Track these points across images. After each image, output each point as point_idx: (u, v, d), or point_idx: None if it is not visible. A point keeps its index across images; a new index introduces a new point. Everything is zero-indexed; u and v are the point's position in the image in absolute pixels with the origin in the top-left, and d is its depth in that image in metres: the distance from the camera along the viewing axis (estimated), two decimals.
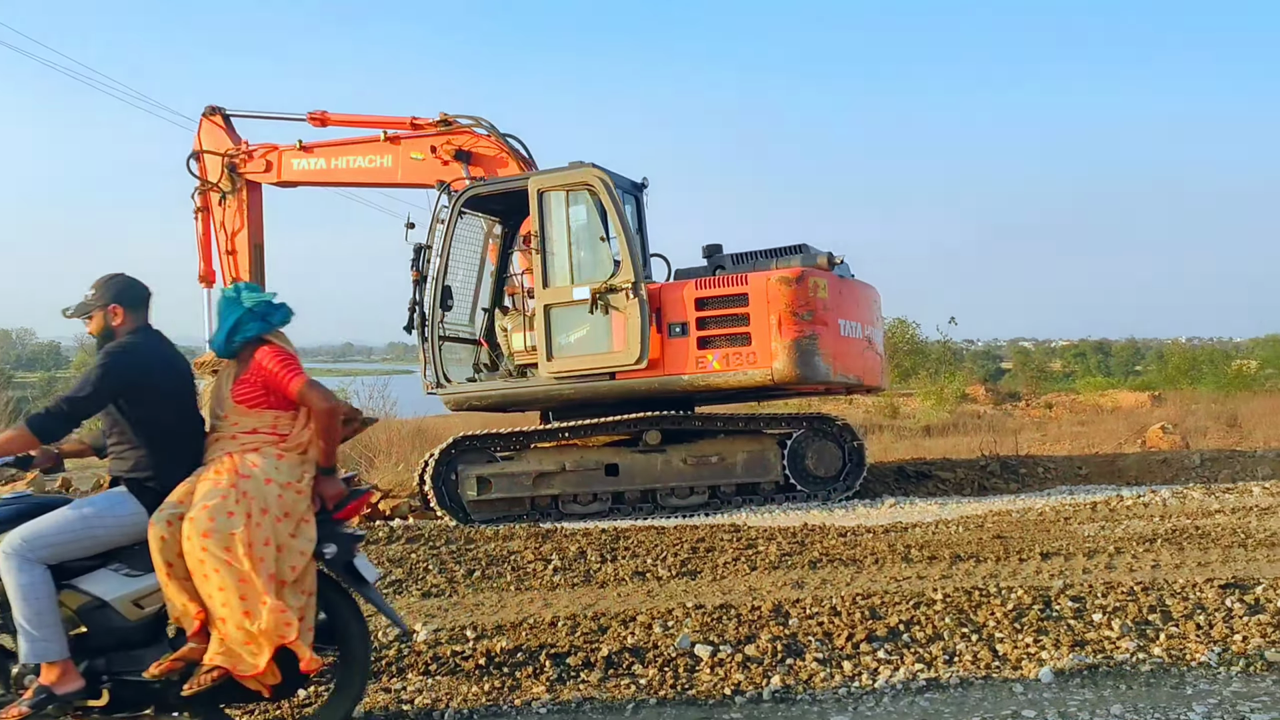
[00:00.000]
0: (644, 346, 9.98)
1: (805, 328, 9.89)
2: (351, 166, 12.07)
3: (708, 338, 10.06)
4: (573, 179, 10.34)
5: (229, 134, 12.64)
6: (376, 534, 8.81)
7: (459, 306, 11.32)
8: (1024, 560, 6.81)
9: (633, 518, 10.06)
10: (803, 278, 9.96)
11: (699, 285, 10.21)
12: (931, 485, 11.62)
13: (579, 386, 10.27)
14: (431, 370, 10.72)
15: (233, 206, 12.54)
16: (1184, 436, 16.59)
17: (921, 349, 40.91)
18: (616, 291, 10.10)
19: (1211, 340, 64.17)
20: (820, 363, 9.98)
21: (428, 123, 11.67)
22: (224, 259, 12.55)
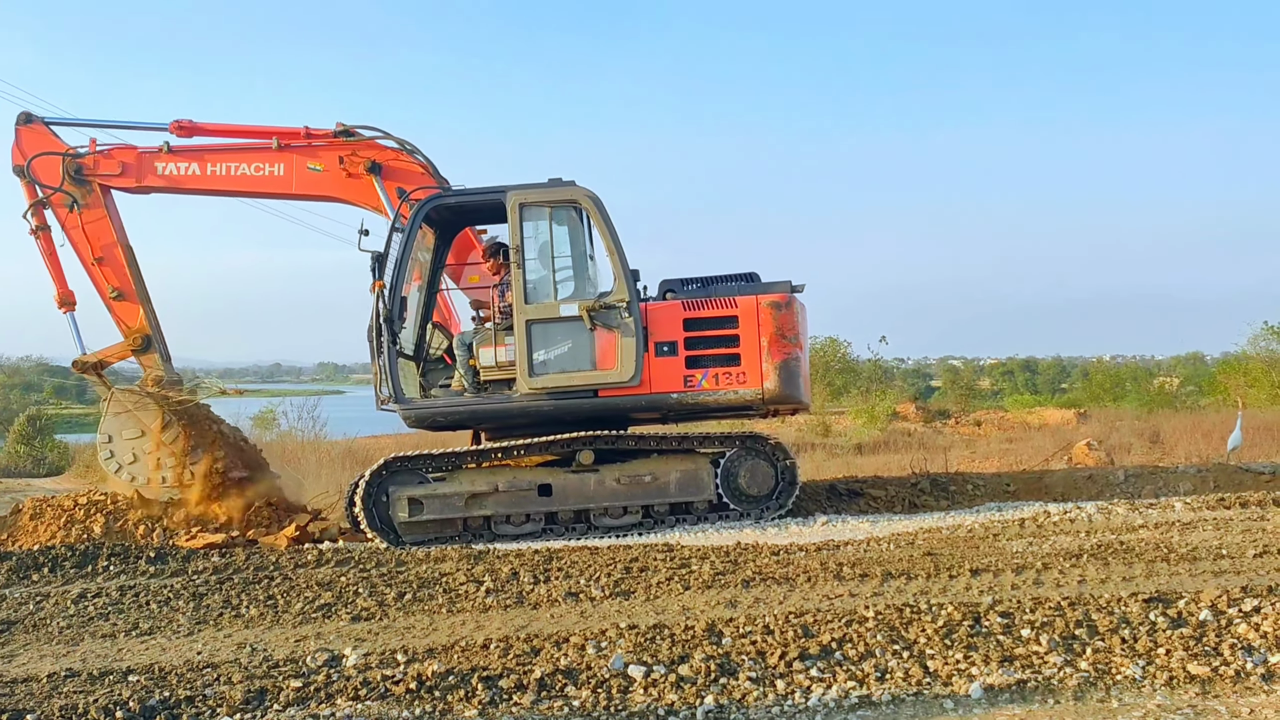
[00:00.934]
0: (638, 365, 10.08)
1: (791, 350, 10.30)
2: (234, 174, 11.30)
3: (696, 357, 10.29)
4: (559, 196, 10.32)
5: (56, 140, 11.45)
6: (305, 557, 8.64)
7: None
8: (954, 577, 6.86)
9: (566, 538, 9.98)
10: (789, 302, 10.37)
11: (687, 306, 10.39)
12: (863, 503, 11.71)
13: (559, 404, 10.24)
14: (387, 385, 10.37)
15: (92, 211, 11.32)
16: (1109, 453, 16.96)
17: (852, 367, 41.41)
18: (611, 309, 10.13)
19: (1135, 358, 65.92)
20: (801, 383, 10.44)
21: (323, 133, 11.23)
22: (92, 270, 11.42)
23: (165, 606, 6.94)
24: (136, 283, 11.49)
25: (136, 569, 8.31)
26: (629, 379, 10.11)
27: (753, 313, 10.31)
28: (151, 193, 11.55)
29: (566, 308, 10.19)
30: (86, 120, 11.71)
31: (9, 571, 8.23)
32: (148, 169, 11.30)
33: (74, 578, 8.13)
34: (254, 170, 11.28)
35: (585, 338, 10.19)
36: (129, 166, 11.30)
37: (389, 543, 9.82)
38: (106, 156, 11.34)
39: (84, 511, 10.27)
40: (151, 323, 11.54)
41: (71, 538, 9.94)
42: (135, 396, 11.07)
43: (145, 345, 11.46)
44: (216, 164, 11.29)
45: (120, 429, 11.01)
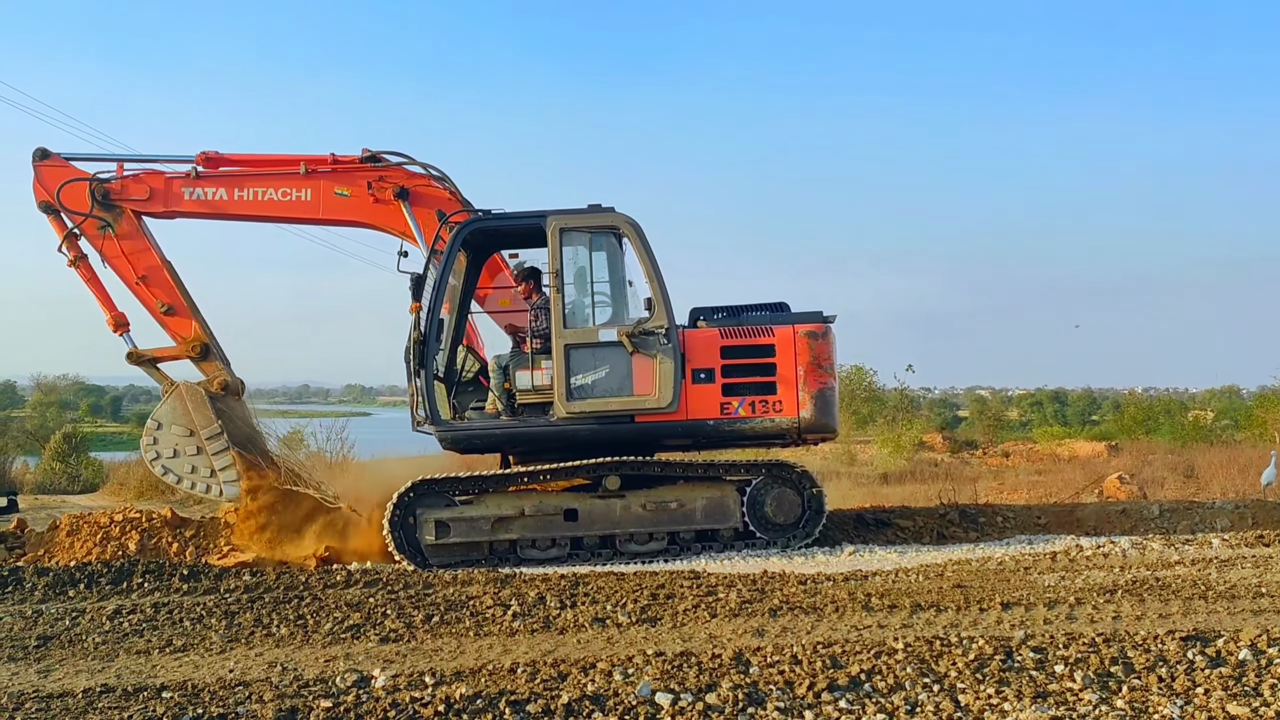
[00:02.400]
0: (676, 391, 10.14)
1: (826, 379, 10.42)
2: (261, 199, 11.38)
3: (733, 385, 10.37)
4: (600, 221, 10.43)
5: (77, 171, 11.49)
6: (335, 577, 8.68)
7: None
8: (985, 610, 6.81)
9: (592, 563, 9.98)
10: (826, 332, 10.49)
11: (725, 334, 10.49)
12: (891, 533, 11.64)
13: (596, 428, 10.30)
14: (424, 407, 10.39)
15: (125, 233, 11.41)
16: (1141, 487, 16.77)
17: (879, 396, 41.22)
18: (650, 335, 10.19)
19: (1167, 391, 65.16)
20: (835, 411, 10.56)
21: (349, 159, 11.33)
22: (138, 290, 11.52)
23: (198, 624, 7.00)
24: (184, 296, 11.58)
25: (170, 586, 8.39)
26: (667, 405, 10.16)
27: (789, 342, 10.40)
28: (179, 218, 11.64)
29: (605, 333, 10.27)
30: (105, 155, 11.77)
31: (46, 587, 8.33)
32: (175, 195, 11.36)
33: (109, 594, 8.21)
34: (281, 195, 11.38)
35: (623, 363, 10.24)
36: (157, 192, 11.37)
37: (416, 565, 9.85)
38: (135, 181, 11.40)
39: (119, 528, 10.36)
40: (207, 332, 11.63)
41: (107, 554, 10.04)
42: (198, 395, 11.15)
43: (204, 353, 11.55)
44: (244, 189, 11.39)
45: (171, 421, 11.09)
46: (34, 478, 29.53)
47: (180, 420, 11.07)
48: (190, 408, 11.10)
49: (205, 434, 11.04)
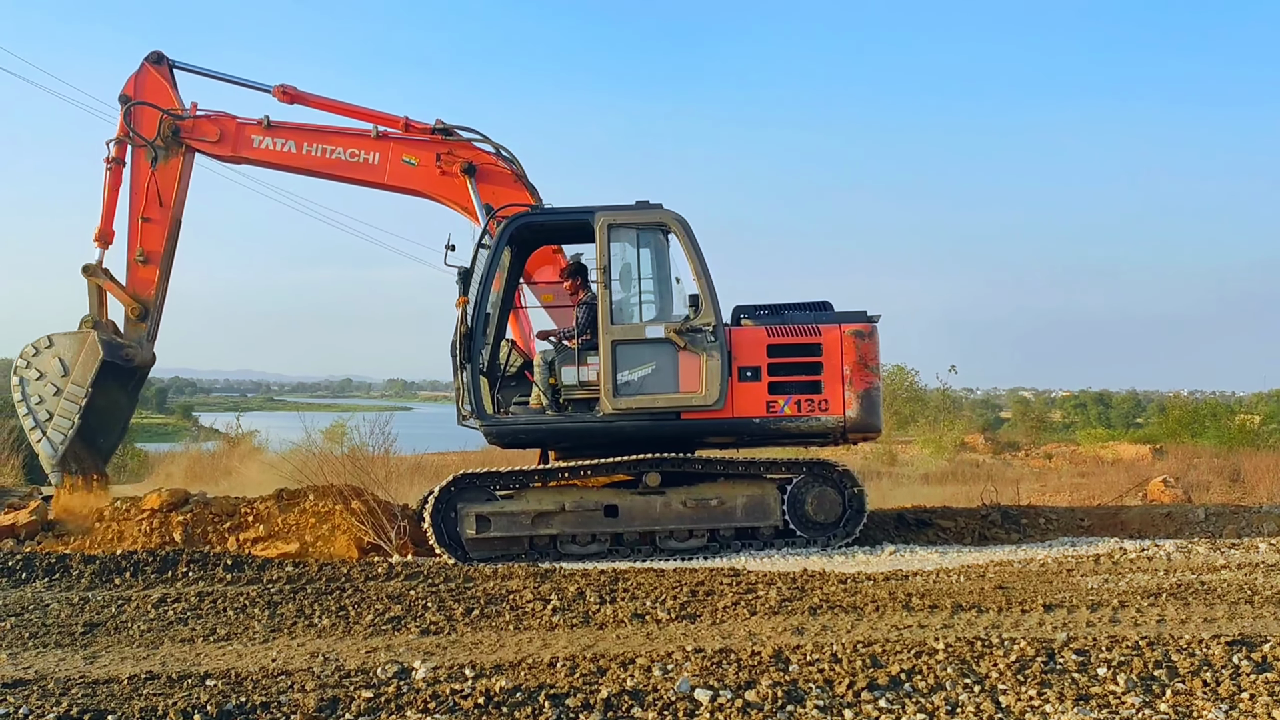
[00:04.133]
0: (723, 389, 10.14)
1: (872, 379, 10.42)
2: (329, 157, 11.33)
3: (780, 383, 10.36)
4: (648, 218, 10.41)
5: (173, 90, 11.52)
6: (376, 570, 8.77)
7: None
8: (1026, 611, 6.75)
9: (631, 559, 9.99)
10: (872, 332, 10.47)
11: (771, 333, 10.48)
12: (932, 533, 11.55)
13: (642, 425, 10.31)
14: (469, 401, 10.37)
15: (166, 172, 11.43)
16: (1186, 490, 16.52)
17: (920, 396, 40.92)
18: (698, 332, 10.18)
19: (1214, 394, 64.12)
20: (879, 411, 10.56)
21: (422, 127, 11.29)
22: (136, 223, 11.47)
23: (241, 613, 7.09)
24: (166, 254, 11.55)
25: (214, 576, 8.51)
26: (713, 403, 10.14)
27: (836, 341, 10.38)
28: (244, 164, 11.64)
29: (652, 330, 10.25)
30: (206, 70, 11.71)
31: (93, 575, 8.48)
32: (244, 140, 11.39)
33: (154, 582, 8.34)
34: (349, 155, 11.36)
35: (670, 360, 10.23)
36: (226, 135, 11.39)
37: (456, 558, 9.91)
38: (208, 121, 11.42)
39: (163, 517, 10.52)
40: (158, 299, 11.63)
41: (153, 543, 10.19)
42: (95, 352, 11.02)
43: (142, 315, 11.56)
44: (312, 144, 11.38)
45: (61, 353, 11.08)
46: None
47: (68, 357, 11.01)
48: (82, 357, 11.01)
49: (71, 387, 10.94)
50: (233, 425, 28.77)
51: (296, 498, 10.82)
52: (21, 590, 8.06)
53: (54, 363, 11.03)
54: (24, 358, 11.10)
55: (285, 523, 10.56)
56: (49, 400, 10.99)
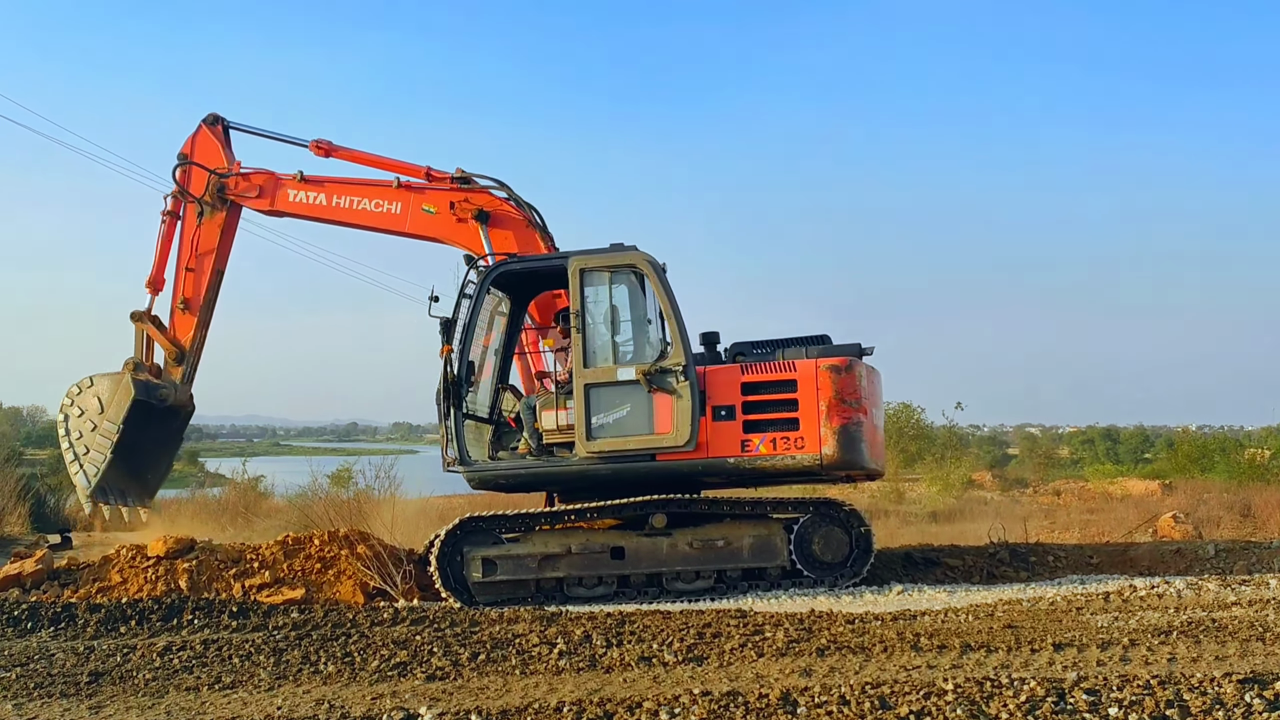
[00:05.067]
0: (693, 429, 10.06)
1: (851, 414, 10.18)
2: (355, 208, 11.84)
3: (755, 421, 10.21)
4: (619, 261, 10.45)
5: (224, 149, 12.35)
6: (381, 615, 8.73)
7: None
8: (1036, 651, 6.70)
9: (638, 601, 9.95)
10: (850, 366, 10.26)
11: (746, 370, 10.36)
12: (939, 572, 11.49)
13: (617, 467, 10.27)
14: (453, 447, 10.54)
15: (210, 225, 12.22)
16: (1196, 526, 16.42)
17: (927, 434, 40.79)
18: (667, 373, 10.16)
19: (1222, 428, 63.72)
20: (864, 449, 10.29)
21: (443, 175, 11.58)
22: (181, 273, 12.25)
23: (247, 661, 7.07)
24: (206, 303, 12.26)
25: (220, 623, 8.48)
26: (684, 443, 10.06)
27: (811, 376, 10.21)
28: (282, 217, 12.34)
29: (624, 371, 10.25)
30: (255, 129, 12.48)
31: (98, 623, 8.46)
32: (281, 195, 12.05)
33: (160, 630, 8.32)
34: (374, 206, 11.80)
35: (643, 401, 10.20)
36: (265, 190, 12.09)
37: (462, 602, 9.88)
38: (247, 178, 12.12)
39: (169, 564, 10.51)
40: (195, 344, 12.29)
41: (158, 590, 10.17)
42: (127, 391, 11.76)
43: (179, 358, 12.25)
44: (341, 196, 11.92)
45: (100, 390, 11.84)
46: (86, 514, 29.92)
47: (105, 396, 11.72)
48: (117, 396, 11.69)
49: (105, 423, 11.63)
50: (239, 471, 28.76)
51: (302, 543, 10.82)
52: (27, 640, 8.04)
53: (93, 400, 11.77)
54: (69, 396, 11.90)
55: (291, 568, 10.55)
56: (86, 435, 11.72)
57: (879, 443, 10.79)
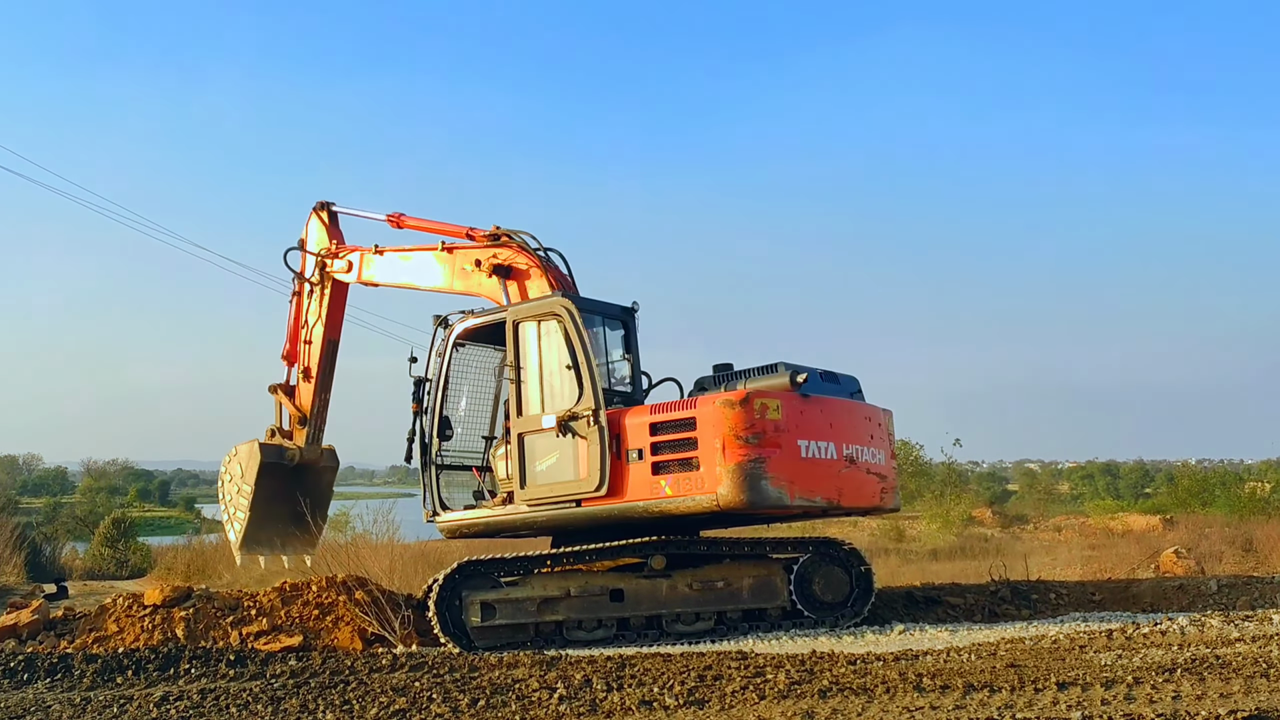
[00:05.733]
0: (604, 473, 9.96)
1: (751, 451, 9.64)
2: (410, 273, 12.48)
3: (661, 463, 9.94)
4: (542, 309, 10.60)
5: (330, 230, 13.33)
6: (380, 661, 8.67)
7: (468, 435, 11.63)
8: (1040, 690, 6.65)
9: (638, 644, 9.88)
10: (747, 400, 9.75)
11: (653, 411, 10.20)
12: (941, 611, 11.44)
13: (551, 514, 10.33)
14: (429, 498, 10.98)
15: (317, 301, 13.28)
16: (1198, 561, 16.39)
17: (926, 471, 40.78)
18: (579, 419, 10.17)
19: (1221, 462, 63.76)
20: (768, 487, 9.66)
21: (481, 234, 11.95)
22: (298, 346, 13.42)
23: (244, 710, 7.00)
24: (323, 373, 13.33)
25: (217, 672, 8.41)
26: (595, 488, 10.01)
27: (709, 414, 9.79)
28: (368, 286, 13.13)
29: (547, 419, 10.37)
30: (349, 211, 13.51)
31: (95, 674, 8.38)
32: (363, 267, 12.88)
33: (157, 680, 8.24)
34: (424, 270, 12.29)
35: (568, 448, 10.25)
36: (353, 265, 12.98)
37: (461, 647, 9.81)
38: (338, 256, 13.04)
39: (165, 613, 10.44)
40: (316, 408, 13.35)
41: (155, 640, 10.09)
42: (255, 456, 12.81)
43: (302, 422, 13.35)
44: (400, 264, 12.55)
45: (239, 458, 13.02)
46: (83, 563, 29.83)
47: (243, 462, 12.92)
48: (249, 461, 12.79)
49: (244, 486, 12.77)
50: None
51: (300, 589, 10.76)
52: (23, 691, 7.97)
53: (236, 467, 13.03)
54: (224, 464, 13.28)
55: (289, 615, 10.48)
56: (233, 497, 13.01)
57: (830, 476, 10.13)
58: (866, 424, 10.75)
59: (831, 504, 10.27)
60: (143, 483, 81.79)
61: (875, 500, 10.76)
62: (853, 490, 10.40)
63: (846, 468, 10.32)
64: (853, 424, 10.54)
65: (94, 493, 61.04)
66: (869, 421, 10.80)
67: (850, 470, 10.36)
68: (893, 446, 11.15)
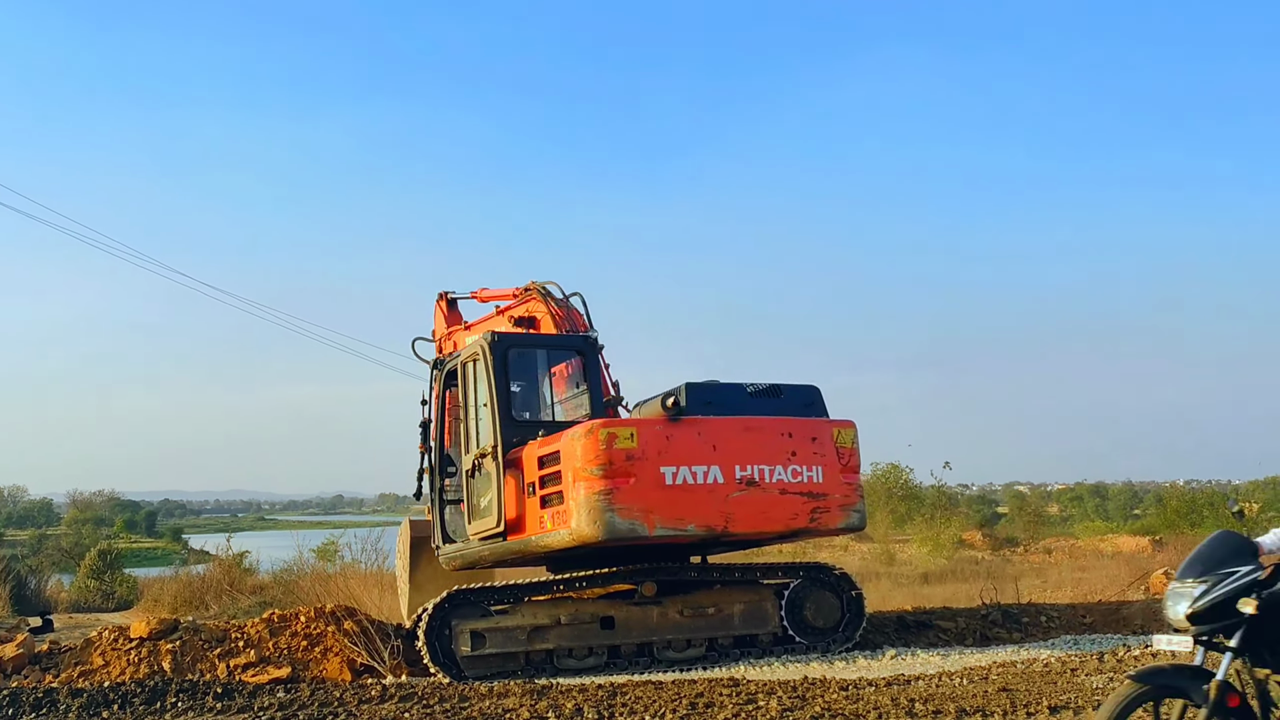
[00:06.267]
0: (499, 510, 10.06)
1: (597, 483, 9.39)
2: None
3: (545, 497, 9.86)
4: (469, 351, 10.79)
5: (448, 317, 13.51)
6: (369, 693, 8.60)
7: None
8: (1032, 714, 6.65)
9: (629, 672, 9.83)
10: (592, 431, 9.55)
11: (540, 444, 10.06)
12: (932, 635, 11.42)
13: (491, 548, 10.45)
14: (435, 533, 11.22)
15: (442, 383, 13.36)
16: None
17: (916, 494, 40.80)
18: (485, 456, 10.36)
19: (1209, 482, 63.97)
20: (617, 519, 9.34)
21: (518, 291, 12.37)
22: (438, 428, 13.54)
23: None
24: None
25: (204, 705, 8.33)
26: (494, 525, 10.13)
27: (568, 446, 9.61)
28: None
29: (465, 458, 10.66)
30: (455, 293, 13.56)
31: (80, 709, 8.28)
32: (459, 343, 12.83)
33: (143, 714, 8.16)
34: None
35: (483, 485, 10.41)
36: (457, 344, 12.87)
37: (451, 677, 9.74)
38: (449, 338, 13.18)
39: (152, 646, 10.34)
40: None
41: (141, 673, 9.99)
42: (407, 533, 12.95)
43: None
44: (466, 336, 12.66)
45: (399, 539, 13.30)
46: (68, 596, 29.58)
47: (400, 538, 13.20)
48: (402, 535, 13.07)
49: (402, 560, 13.00)
50: (223, 546, 28.49)
51: (288, 620, 10.69)
52: None
53: (399, 543, 13.39)
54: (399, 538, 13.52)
55: (276, 646, 10.40)
56: (400, 572, 13.25)
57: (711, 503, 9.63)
58: (782, 441, 10.00)
59: (715, 531, 9.74)
60: (129, 514, 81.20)
61: (799, 522, 9.98)
62: (754, 514, 9.79)
63: (741, 491, 9.74)
64: (755, 443, 9.89)
65: (80, 524, 60.61)
66: (787, 438, 10.02)
67: (748, 493, 9.75)
68: (850, 462, 10.26)
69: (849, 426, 10.38)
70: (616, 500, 9.32)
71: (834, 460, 10.13)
